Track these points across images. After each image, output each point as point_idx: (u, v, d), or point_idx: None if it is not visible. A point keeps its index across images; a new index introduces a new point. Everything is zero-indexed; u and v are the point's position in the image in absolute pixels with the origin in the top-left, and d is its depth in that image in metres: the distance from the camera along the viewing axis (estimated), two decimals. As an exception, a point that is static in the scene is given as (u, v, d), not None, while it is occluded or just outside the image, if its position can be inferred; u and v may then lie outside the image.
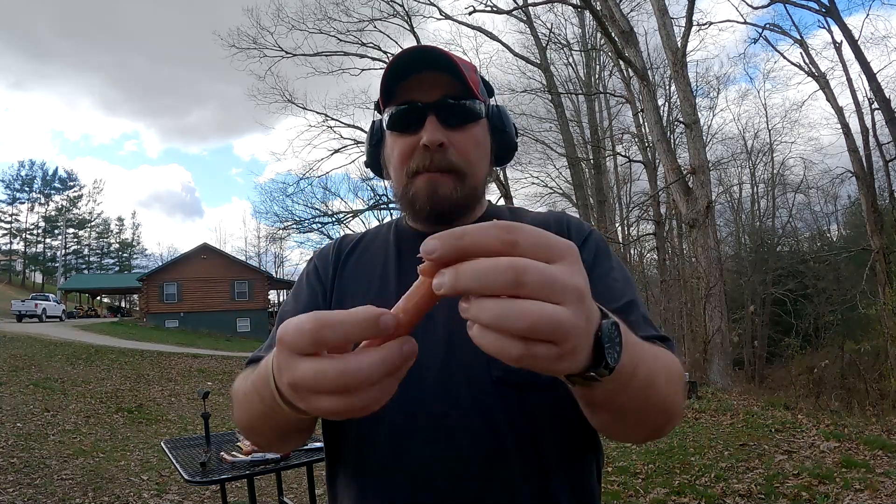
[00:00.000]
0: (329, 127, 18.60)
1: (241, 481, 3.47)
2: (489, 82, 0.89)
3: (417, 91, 0.77)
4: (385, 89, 0.78)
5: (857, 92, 13.01)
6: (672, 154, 10.98)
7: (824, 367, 9.85)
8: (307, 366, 0.38)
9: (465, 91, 0.78)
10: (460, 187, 0.78)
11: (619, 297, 0.73)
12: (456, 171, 0.78)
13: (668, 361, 0.60)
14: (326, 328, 0.37)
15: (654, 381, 0.54)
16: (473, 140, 0.80)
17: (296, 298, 0.87)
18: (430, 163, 0.76)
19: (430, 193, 0.77)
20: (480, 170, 0.82)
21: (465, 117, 0.79)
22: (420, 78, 0.77)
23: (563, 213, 0.88)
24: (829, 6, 11.80)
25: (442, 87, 0.77)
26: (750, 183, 22.12)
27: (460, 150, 0.78)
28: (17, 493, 4.06)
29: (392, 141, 0.81)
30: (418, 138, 0.77)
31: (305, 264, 0.93)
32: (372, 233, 0.93)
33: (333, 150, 19.00)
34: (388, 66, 0.76)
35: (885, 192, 13.07)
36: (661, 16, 10.43)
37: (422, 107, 0.77)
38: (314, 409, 0.39)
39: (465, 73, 0.76)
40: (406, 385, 0.65)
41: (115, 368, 11.15)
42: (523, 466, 0.68)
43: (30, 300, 26.54)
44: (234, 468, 2.31)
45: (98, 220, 57.83)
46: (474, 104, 0.79)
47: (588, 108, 20.05)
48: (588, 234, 0.83)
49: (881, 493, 3.76)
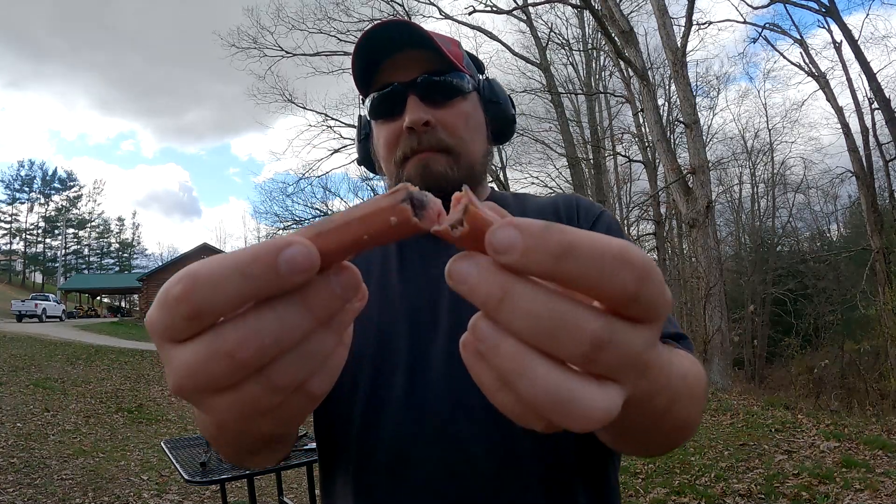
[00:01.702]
0: (329, 127, 18.63)
1: (241, 481, 3.48)
2: (478, 58, 0.83)
3: (395, 73, 0.72)
4: (360, 77, 0.73)
5: (857, 92, 13.02)
6: (672, 154, 10.98)
7: (824, 367, 9.86)
8: (184, 354, 0.24)
9: (445, 65, 0.72)
10: (455, 166, 0.72)
11: None
12: (448, 149, 0.72)
13: (694, 375, 0.51)
14: (202, 288, 0.23)
15: (673, 406, 0.45)
16: (462, 116, 0.74)
17: None
18: (417, 145, 0.71)
19: (422, 173, 0.71)
20: (476, 148, 0.76)
21: (448, 92, 0.73)
22: (395, 60, 0.72)
23: (572, 195, 0.82)
24: (829, 6, 11.80)
25: (420, 64, 0.71)
26: (750, 183, 22.12)
27: (449, 128, 0.72)
28: (17, 493, 4.06)
29: (378, 130, 0.76)
30: (402, 121, 0.71)
31: None
32: None
33: (333, 150, 19.01)
34: (355, 50, 0.70)
35: (885, 192, 13.07)
36: (661, 16, 10.43)
37: (400, 87, 0.71)
38: (221, 417, 0.26)
39: (441, 46, 0.70)
40: (408, 383, 0.65)
41: (115, 368, 11.15)
42: (541, 473, 0.62)
43: (30, 300, 26.53)
44: (234, 468, 2.31)
45: (98, 220, 57.93)
46: (458, 77, 0.73)
47: (588, 108, 20.04)
48: (599, 215, 0.77)
49: (881, 493, 3.76)
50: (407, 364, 0.66)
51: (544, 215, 0.76)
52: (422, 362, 0.66)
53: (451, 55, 0.71)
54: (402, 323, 0.69)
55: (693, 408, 0.51)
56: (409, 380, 0.65)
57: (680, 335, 0.66)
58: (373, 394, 0.67)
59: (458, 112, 0.73)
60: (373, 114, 0.75)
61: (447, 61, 0.71)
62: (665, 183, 11.70)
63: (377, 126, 0.76)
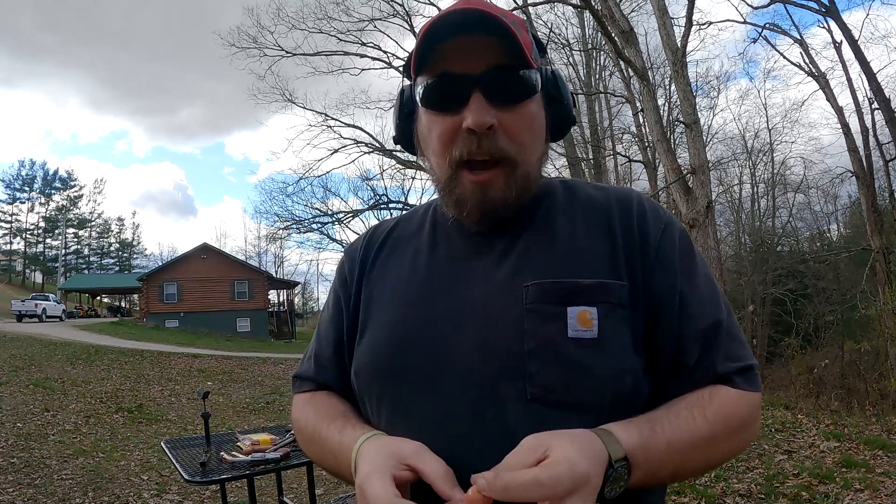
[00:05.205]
0: (329, 127, 18.61)
1: (241, 481, 3.47)
2: (540, 39, 0.72)
3: (457, 59, 0.64)
4: (418, 55, 0.65)
5: (857, 92, 13.00)
6: (672, 154, 10.97)
7: (824, 367, 9.85)
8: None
9: (517, 58, 0.63)
10: (512, 182, 0.66)
11: (702, 317, 0.67)
12: (507, 160, 0.65)
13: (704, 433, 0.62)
14: None
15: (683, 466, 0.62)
16: (527, 120, 0.67)
17: (328, 306, 0.83)
18: (476, 148, 0.64)
19: (479, 199, 0.66)
20: (534, 153, 0.69)
21: (517, 93, 0.65)
22: (461, 42, 0.63)
23: (631, 195, 0.72)
24: (829, 6, 11.79)
25: (489, 53, 0.63)
26: (750, 183, 22.09)
27: (512, 134, 0.65)
28: (17, 493, 4.06)
29: (429, 120, 0.68)
30: (461, 119, 0.64)
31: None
32: (406, 220, 0.82)
33: (333, 150, 19.00)
34: (425, 28, 0.63)
35: (885, 192, 13.07)
36: (661, 16, 10.42)
37: (465, 80, 0.63)
38: None
39: (517, 36, 0.62)
40: (427, 399, 0.66)
41: (115, 368, 11.14)
42: None
43: (30, 300, 26.57)
44: (233, 468, 2.31)
45: (98, 220, 57.91)
46: (529, 75, 0.65)
47: (588, 108, 20.03)
48: (665, 226, 0.70)
49: (881, 493, 3.76)
50: (427, 378, 0.66)
51: (592, 213, 0.71)
52: (440, 377, 0.66)
53: (524, 46, 0.63)
54: (427, 331, 0.68)
55: (713, 453, 0.64)
56: (428, 395, 0.66)
57: (745, 368, 0.67)
58: (396, 409, 0.68)
59: (523, 116, 0.66)
60: (427, 102, 0.67)
61: (519, 53, 0.63)
62: (665, 183, 11.70)
63: (429, 115, 0.68)
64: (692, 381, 0.66)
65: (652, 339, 0.67)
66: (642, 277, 0.67)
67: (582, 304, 0.63)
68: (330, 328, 0.80)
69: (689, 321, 0.66)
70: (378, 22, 16.32)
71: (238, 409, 8.68)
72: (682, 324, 0.66)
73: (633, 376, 0.64)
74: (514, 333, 0.63)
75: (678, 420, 0.61)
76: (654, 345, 0.67)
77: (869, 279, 11.38)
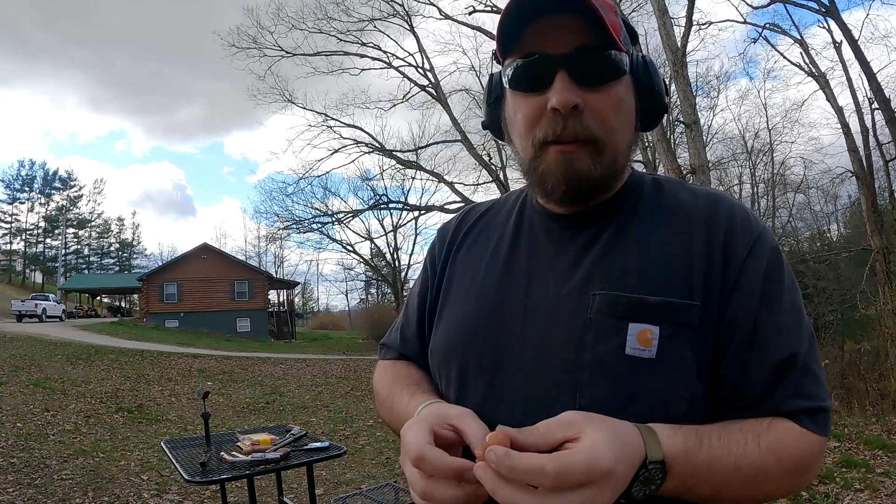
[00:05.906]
0: (329, 127, 18.63)
1: (241, 481, 3.48)
2: (632, 25, 0.71)
3: (544, 40, 0.63)
4: (504, 35, 0.64)
5: (857, 92, 12.99)
6: (672, 154, 10.98)
7: (824, 367, 9.84)
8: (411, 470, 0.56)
9: (604, 39, 0.62)
10: (599, 161, 0.65)
11: (776, 348, 0.62)
12: (593, 141, 0.64)
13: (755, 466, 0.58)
14: (423, 463, 0.54)
15: (723, 490, 0.58)
16: (614, 102, 0.65)
17: (418, 281, 0.87)
18: (562, 129, 0.63)
19: (564, 170, 0.64)
20: (622, 138, 0.67)
21: (604, 73, 0.64)
22: (547, 23, 0.63)
23: (721, 202, 0.68)
24: (829, 6, 11.80)
25: (575, 33, 0.62)
26: (750, 183, 22.10)
27: (598, 115, 0.64)
28: (17, 493, 4.06)
29: (514, 102, 0.68)
30: (546, 100, 0.63)
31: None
32: (498, 205, 0.83)
33: (333, 150, 19.02)
34: (508, 8, 0.62)
35: (885, 192, 13.07)
36: (661, 16, 10.43)
37: (550, 60, 0.63)
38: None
39: (604, 17, 0.61)
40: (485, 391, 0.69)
41: (115, 368, 11.15)
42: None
43: (30, 300, 26.55)
44: (233, 468, 2.31)
45: (98, 220, 57.92)
46: (616, 56, 0.64)
47: (588, 108, 20.03)
48: (756, 239, 0.65)
49: (881, 493, 3.76)
50: (490, 371, 0.69)
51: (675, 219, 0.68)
52: (501, 373, 0.68)
53: (611, 27, 0.62)
54: (495, 329, 0.71)
55: (759, 485, 0.60)
56: (487, 387, 0.69)
57: (817, 409, 0.63)
58: (459, 393, 0.71)
59: (610, 97, 0.64)
60: (513, 83, 0.67)
61: (606, 34, 0.62)
62: (665, 183, 11.69)
63: (515, 97, 0.68)
64: (753, 416, 0.62)
65: (717, 365, 0.63)
66: (719, 297, 0.63)
67: (644, 321, 0.62)
68: (415, 304, 0.85)
69: (762, 351, 0.62)
70: (378, 22, 16.36)
71: (238, 409, 8.68)
72: (752, 353, 0.62)
73: (689, 403, 0.62)
74: (573, 343, 0.64)
75: (728, 440, 0.59)
76: (718, 371, 0.63)
77: (869, 279, 11.38)
